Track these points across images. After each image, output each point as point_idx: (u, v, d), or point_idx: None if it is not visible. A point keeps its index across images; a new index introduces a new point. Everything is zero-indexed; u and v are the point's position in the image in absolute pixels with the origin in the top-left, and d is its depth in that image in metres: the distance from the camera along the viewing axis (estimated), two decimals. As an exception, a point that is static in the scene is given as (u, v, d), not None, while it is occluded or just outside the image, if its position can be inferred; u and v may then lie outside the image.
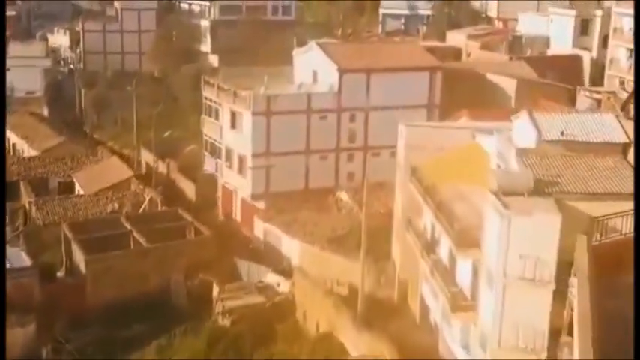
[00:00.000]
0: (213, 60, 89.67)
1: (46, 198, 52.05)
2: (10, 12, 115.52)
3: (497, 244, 25.52)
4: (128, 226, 43.94)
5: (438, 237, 32.49)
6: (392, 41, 61.01)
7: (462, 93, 52.13)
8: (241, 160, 48.53)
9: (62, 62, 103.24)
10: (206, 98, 52.68)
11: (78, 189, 57.19)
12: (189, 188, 58.25)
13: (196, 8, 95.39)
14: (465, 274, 29.53)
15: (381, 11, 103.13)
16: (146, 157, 66.09)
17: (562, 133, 29.77)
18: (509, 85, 52.52)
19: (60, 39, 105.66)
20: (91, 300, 39.77)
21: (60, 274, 44.32)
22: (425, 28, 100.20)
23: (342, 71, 48.28)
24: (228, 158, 50.19)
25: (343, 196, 47.59)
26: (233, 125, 49.02)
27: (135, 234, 42.85)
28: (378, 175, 48.47)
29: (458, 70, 55.10)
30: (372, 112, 49.17)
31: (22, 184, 56.77)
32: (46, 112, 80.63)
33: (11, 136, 70.48)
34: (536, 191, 26.87)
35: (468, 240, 28.12)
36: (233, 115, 48.91)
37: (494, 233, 25.86)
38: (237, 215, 51.40)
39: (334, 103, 48.48)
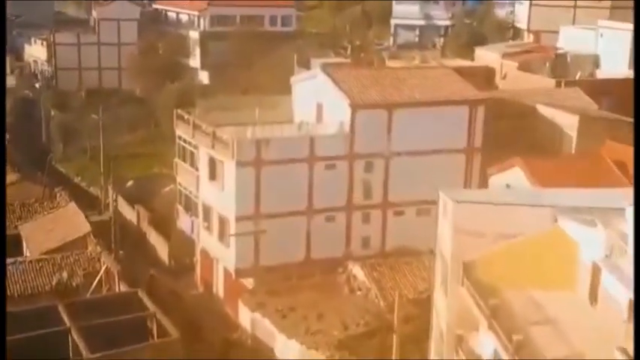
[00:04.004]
0: (203, 77, 79.03)
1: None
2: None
3: None
4: (67, 319, 32.38)
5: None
6: (416, 64, 49.52)
7: (508, 132, 40.82)
8: (222, 222, 37.05)
9: (39, 77, 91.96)
10: (180, 138, 41.28)
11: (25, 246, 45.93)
12: (161, 246, 46.91)
13: (184, 18, 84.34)
14: None
15: (393, 22, 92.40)
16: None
17: None
18: (568, 121, 40.98)
19: (37, 51, 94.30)
20: None
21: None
22: (442, 40, 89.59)
23: (355, 106, 36.86)
24: (207, 218, 38.75)
25: (357, 271, 36.06)
26: (212, 176, 37.56)
27: (74, 333, 31.32)
28: (401, 239, 37.61)
29: (499, 100, 43.56)
30: (395, 158, 37.79)
31: (-47, 240, 45.43)
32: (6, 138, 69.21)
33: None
34: None
35: None
36: (212, 162, 37.45)
37: None
38: (219, 288, 39.99)
39: (345, 148, 37.06)
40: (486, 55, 61.06)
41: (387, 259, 36.44)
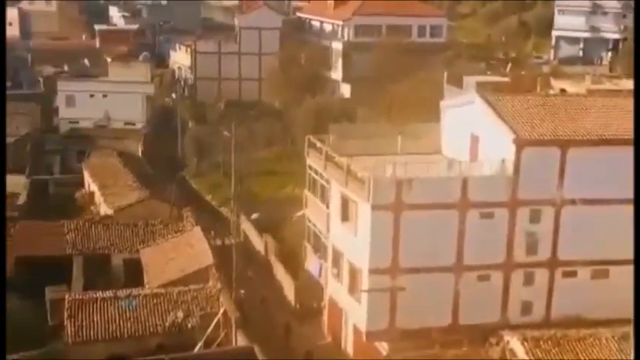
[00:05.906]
0: (345, 90, 74.54)
1: (88, 296, 37.33)
2: (131, 25, 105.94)
3: None
4: (170, 380, 28.26)
5: None
6: (588, 85, 42.04)
7: None
8: (354, 272, 31.64)
9: (181, 83, 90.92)
10: (310, 168, 36.39)
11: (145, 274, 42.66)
12: (288, 284, 42.14)
13: (328, 27, 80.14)
14: None
15: (554, 33, 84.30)
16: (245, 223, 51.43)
17: None
18: None
19: (181, 57, 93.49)
20: None
21: None
22: (609, 55, 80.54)
23: (521, 142, 30.36)
24: (336, 264, 33.50)
25: (514, 344, 29.53)
26: (345, 217, 32.23)
27: (176, 399, 27.10)
28: (572, 307, 30.89)
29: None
30: (567, 207, 30.96)
31: (74, 261, 42.83)
32: (140, 150, 67.39)
33: (91, 183, 57.39)
34: None
35: None
36: (345, 202, 32.13)
37: None
38: (348, 344, 34.61)
39: (506, 193, 30.63)
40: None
41: (554, 332, 29.70)
